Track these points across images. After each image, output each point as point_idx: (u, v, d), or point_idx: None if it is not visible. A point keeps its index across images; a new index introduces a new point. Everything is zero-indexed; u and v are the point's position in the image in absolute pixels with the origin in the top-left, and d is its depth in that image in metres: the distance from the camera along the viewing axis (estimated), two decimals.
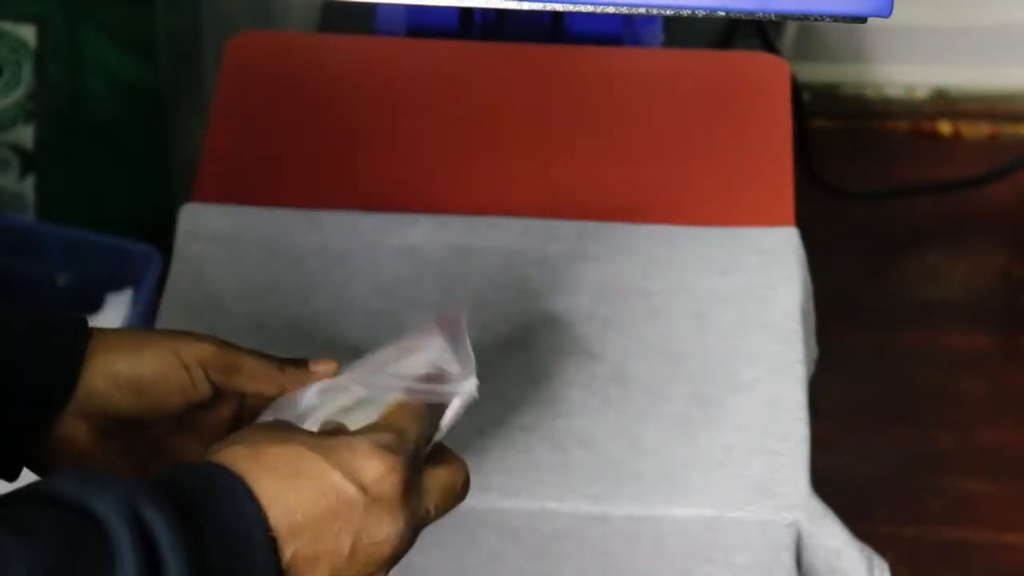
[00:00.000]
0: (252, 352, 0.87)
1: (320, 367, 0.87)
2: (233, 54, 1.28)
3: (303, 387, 0.86)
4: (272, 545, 0.72)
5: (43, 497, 0.69)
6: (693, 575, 1.08)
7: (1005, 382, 1.86)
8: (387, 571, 0.78)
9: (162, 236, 1.31)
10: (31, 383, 0.82)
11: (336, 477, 0.74)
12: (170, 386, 0.84)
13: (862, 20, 0.94)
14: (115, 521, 0.68)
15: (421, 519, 0.78)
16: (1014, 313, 1.92)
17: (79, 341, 0.83)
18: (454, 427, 0.81)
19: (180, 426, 0.87)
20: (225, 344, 0.86)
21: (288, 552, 0.73)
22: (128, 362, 0.83)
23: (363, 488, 0.75)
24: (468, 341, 0.83)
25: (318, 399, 0.83)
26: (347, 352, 0.88)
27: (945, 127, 2.08)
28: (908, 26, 2.02)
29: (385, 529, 0.76)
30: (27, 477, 0.84)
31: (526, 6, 0.94)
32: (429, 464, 0.80)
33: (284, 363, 0.87)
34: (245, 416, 0.87)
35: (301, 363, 0.87)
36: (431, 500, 0.79)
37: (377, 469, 0.75)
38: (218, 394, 0.86)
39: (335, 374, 0.87)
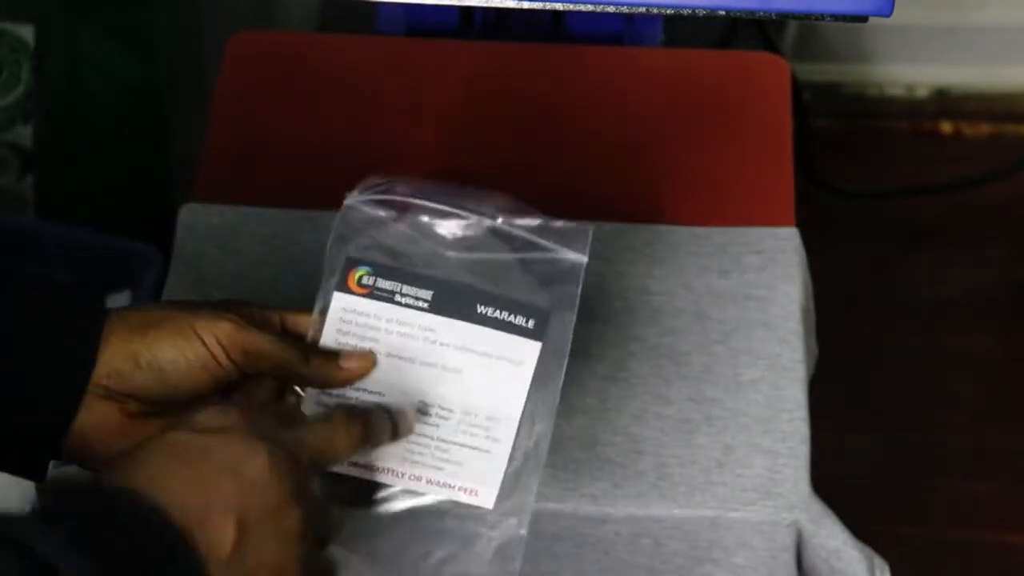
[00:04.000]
0: (276, 337, 0.84)
1: (352, 363, 0.85)
2: (233, 54, 1.28)
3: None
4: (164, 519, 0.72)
5: None
6: (693, 575, 1.08)
7: (1006, 382, 1.85)
8: (312, 529, 0.77)
9: (162, 236, 1.30)
10: (49, 368, 0.80)
11: (176, 434, 0.76)
12: (191, 365, 0.81)
13: (863, 20, 0.94)
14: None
15: (294, 446, 0.77)
16: (1015, 313, 1.92)
17: (94, 321, 0.81)
18: None
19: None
20: (245, 324, 0.83)
21: (174, 511, 0.72)
22: (145, 341, 0.81)
23: (195, 430, 0.76)
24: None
25: None
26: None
27: (946, 127, 2.08)
28: (909, 26, 2.02)
29: (252, 462, 0.75)
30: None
31: (526, 5, 0.94)
32: None
33: (311, 353, 0.84)
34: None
35: (331, 355, 0.85)
36: (298, 432, 0.78)
37: (207, 412, 0.77)
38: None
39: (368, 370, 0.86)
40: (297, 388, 0.87)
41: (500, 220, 0.89)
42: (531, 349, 0.87)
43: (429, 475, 0.86)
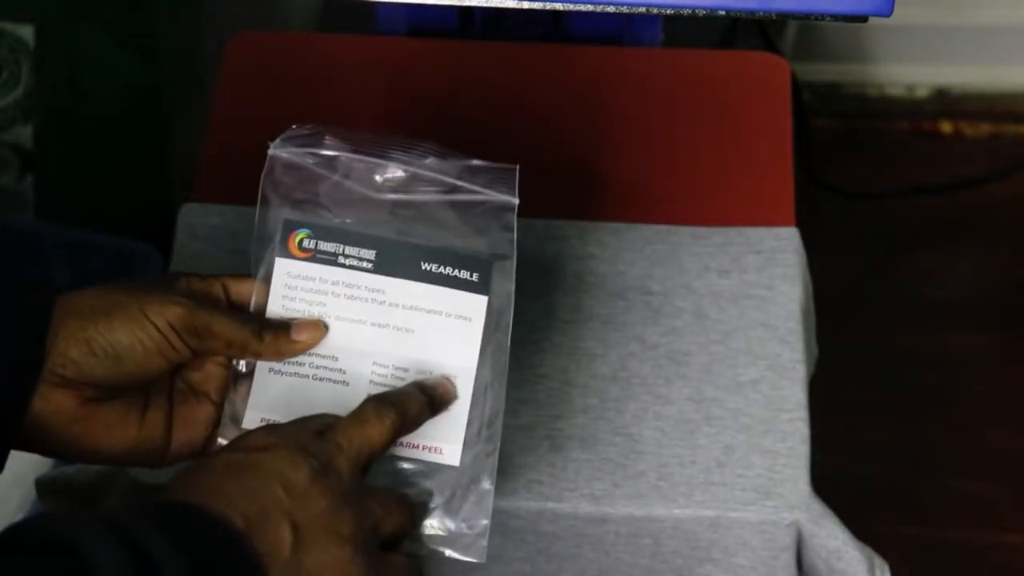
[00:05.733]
0: (228, 314, 0.84)
1: (304, 335, 0.86)
2: (233, 54, 1.28)
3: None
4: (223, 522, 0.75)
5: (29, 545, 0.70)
6: (693, 575, 1.08)
7: (1006, 382, 1.85)
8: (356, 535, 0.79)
9: (162, 236, 1.30)
10: (0, 360, 0.80)
11: (228, 454, 0.80)
12: (147, 350, 0.82)
13: (863, 19, 0.94)
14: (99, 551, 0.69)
15: (330, 456, 0.80)
16: (1015, 313, 1.92)
17: (43, 311, 0.81)
18: None
19: (176, 388, 0.86)
20: (196, 305, 0.83)
21: (235, 518, 0.75)
22: (99, 328, 0.81)
23: (244, 450, 0.79)
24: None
25: None
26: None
27: (946, 127, 2.08)
28: (909, 26, 2.02)
29: (296, 473, 0.78)
30: (16, 466, 0.84)
31: (526, 5, 0.94)
32: None
33: (264, 328, 0.85)
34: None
35: (282, 328, 0.86)
36: (331, 440, 0.81)
37: (254, 435, 0.81)
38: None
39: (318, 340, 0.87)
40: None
41: (426, 163, 0.89)
42: (478, 303, 0.87)
43: None
